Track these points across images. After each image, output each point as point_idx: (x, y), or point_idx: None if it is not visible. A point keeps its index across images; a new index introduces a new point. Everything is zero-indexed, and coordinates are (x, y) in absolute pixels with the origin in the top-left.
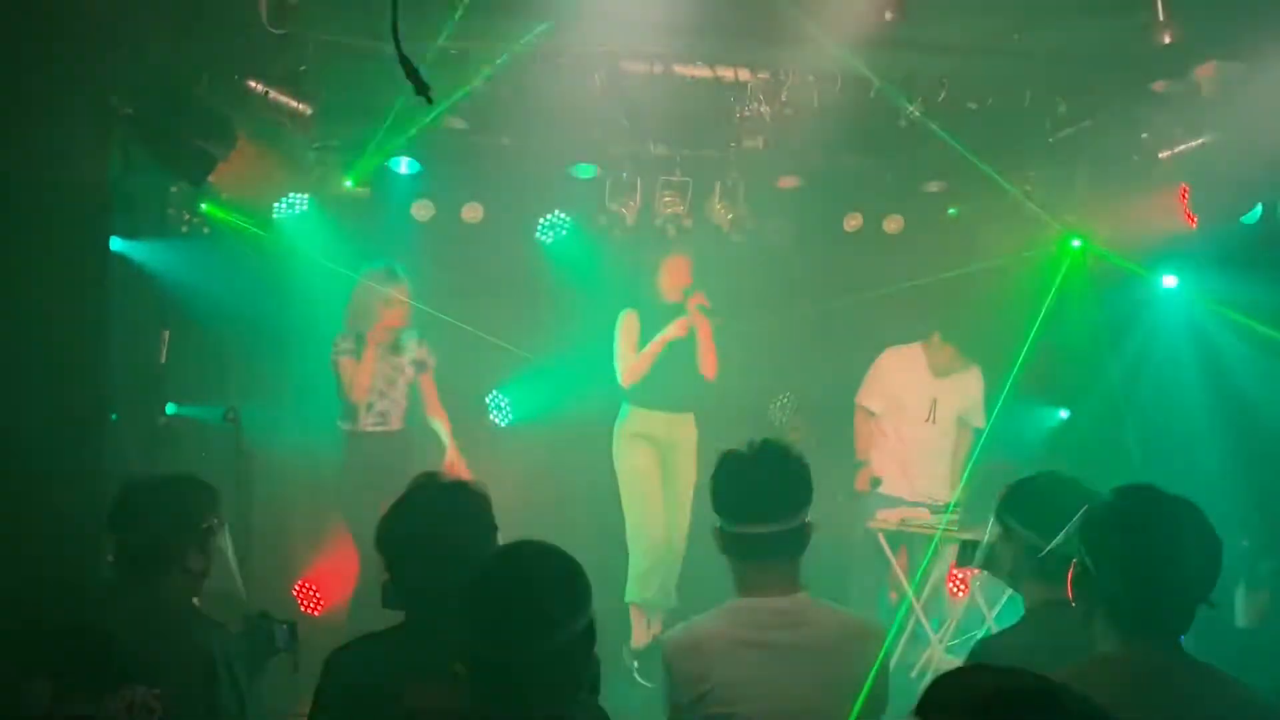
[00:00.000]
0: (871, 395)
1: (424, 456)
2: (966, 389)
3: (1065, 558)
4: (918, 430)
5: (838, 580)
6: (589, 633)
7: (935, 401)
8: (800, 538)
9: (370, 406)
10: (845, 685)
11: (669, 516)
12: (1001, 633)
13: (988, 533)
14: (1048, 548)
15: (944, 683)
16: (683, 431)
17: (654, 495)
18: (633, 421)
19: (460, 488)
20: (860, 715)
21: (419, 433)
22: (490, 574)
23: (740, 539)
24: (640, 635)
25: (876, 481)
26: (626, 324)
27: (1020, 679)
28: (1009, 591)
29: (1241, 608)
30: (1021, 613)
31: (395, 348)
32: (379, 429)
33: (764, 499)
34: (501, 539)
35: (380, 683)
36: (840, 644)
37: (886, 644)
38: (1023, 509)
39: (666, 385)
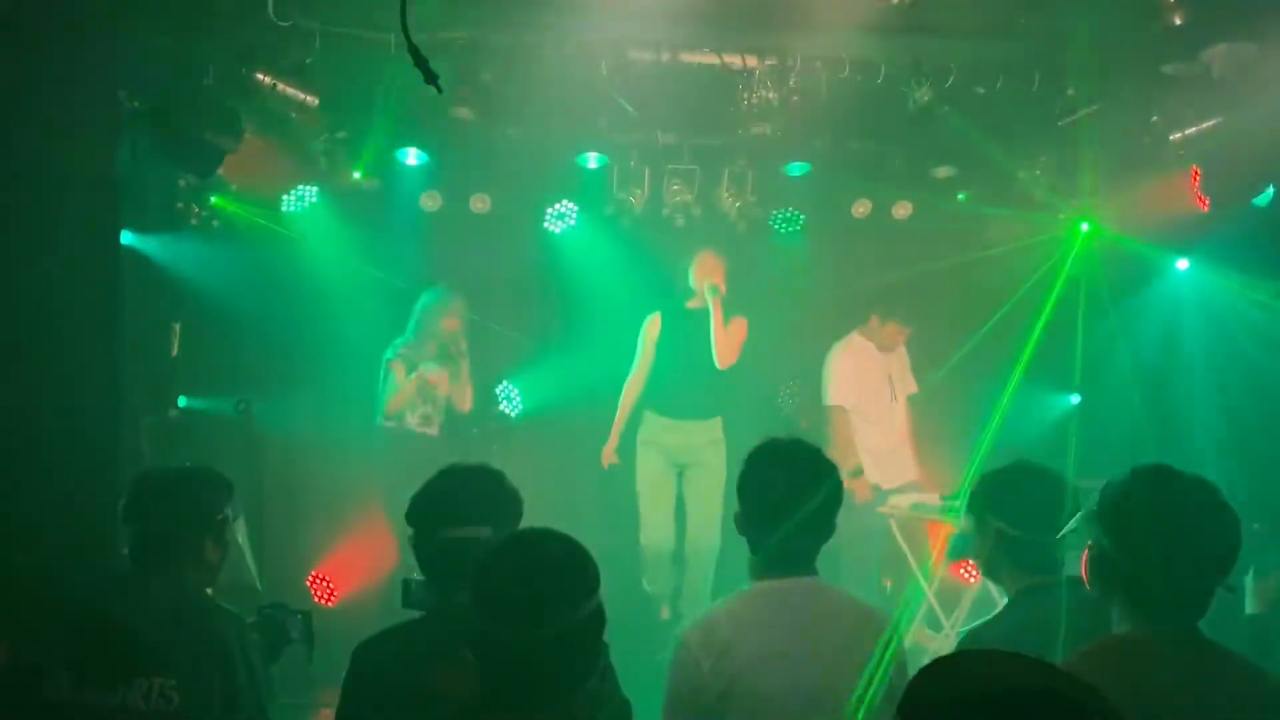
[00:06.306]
0: (841, 392)
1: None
2: (902, 358)
3: (1048, 545)
4: (884, 414)
5: (830, 566)
6: (597, 618)
7: (891, 378)
8: (826, 535)
9: (414, 408)
10: (859, 662)
11: (681, 527)
12: (985, 622)
13: (962, 524)
14: (1064, 530)
15: (928, 677)
16: (699, 438)
17: (658, 503)
18: (644, 427)
19: (485, 469)
20: (880, 701)
21: (457, 442)
22: (498, 555)
23: (767, 540)
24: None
25: (879, 491)
26: (645, 330)
27: (1011, 677)
28: None
29: (1251, 594)
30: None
31: (441, 359)
32: (423, 430)
33: (795, 513)
34: None
35: (407, 672)
36: (853, 623)
37: (900, 629)
38: (994, 500)
39: (678, 390)
